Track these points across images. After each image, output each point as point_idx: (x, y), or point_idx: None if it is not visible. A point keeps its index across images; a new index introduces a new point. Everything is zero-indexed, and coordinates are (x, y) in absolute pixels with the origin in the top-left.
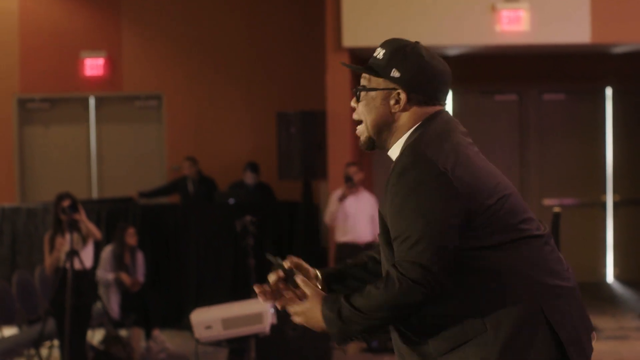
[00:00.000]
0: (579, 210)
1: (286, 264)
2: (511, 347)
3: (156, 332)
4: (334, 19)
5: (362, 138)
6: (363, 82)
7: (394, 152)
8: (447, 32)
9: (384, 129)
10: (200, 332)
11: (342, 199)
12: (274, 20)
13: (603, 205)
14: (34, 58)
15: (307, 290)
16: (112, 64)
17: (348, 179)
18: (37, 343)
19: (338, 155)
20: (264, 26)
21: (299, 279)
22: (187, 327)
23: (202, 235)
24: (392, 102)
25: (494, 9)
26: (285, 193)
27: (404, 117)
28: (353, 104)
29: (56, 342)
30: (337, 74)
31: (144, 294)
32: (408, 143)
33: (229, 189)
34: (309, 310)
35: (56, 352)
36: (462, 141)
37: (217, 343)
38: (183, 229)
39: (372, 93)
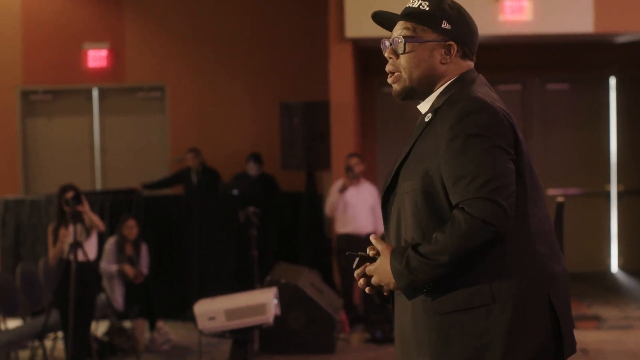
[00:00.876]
0: (583, 200)
1: (370, 252)
2: (513, 327)
3: (160, 324)
4: (337, 10)
5: (399, 86)
6: (406, 32)
7: (427, 103)
8: None
9: (430, 79)
10: (203, 323)
11: (342, 190)
12: (277, 10)
13: (607, 195)
14: (37, 50)
15: (378, 246)
16: (115, 55)
17: (349, 170)
18: (41, 335)
19: (341, 146)
20: (267, 17)
21: (372, 238)
22: (190, 318)
23: (205, 227)
24: (442, 52)
25: None
26: (288, 184)
27: (450, 68)
28: (389, 54)
29: (60, 334)
30: (340, 64)
31: (148, 286)
32: (453, 94)
33: (232, 180)
34: (380, 267)
35: (60, 344)
36: (501, 102)
37: (221, 334)
38: (186, 220)
39: (420, 44)
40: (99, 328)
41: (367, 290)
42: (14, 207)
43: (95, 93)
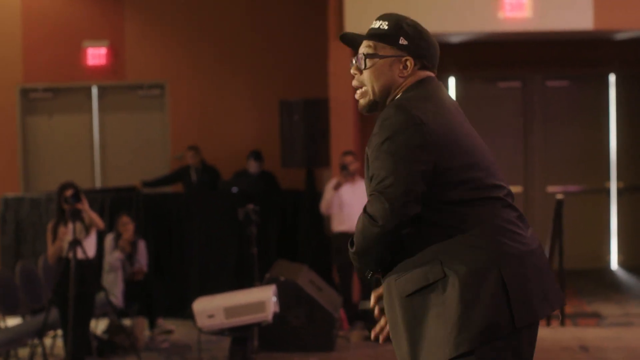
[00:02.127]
0: (582, 197)
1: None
2: (466, 296)
3: (160, 321)
4: (336, 7)
5: (364, 101)
6: (367, 50)
7: None
8: (451, 19)
9: (390, 92)
10: (202, 321)
11: (337, 187)
12: (277, 8)
13: (607, 192)
14: (37, 48)
15: None
16: (115, 53)
17: (344, 168)
18: (40, 333)
19: (341, 143)
20: (266, 14)
21: None
22: (190, 316)
23: (205, 224)
24: (400, 67)
25: None
26: (288, 181)
27: (407, 80)
28: (354, 70)
29: (59, 332)
30: (339, 61)
31: (147, 283)
32: (402, 97)
33: (233, 178)
34: None
35: (59, 342)
36: (448, 105)
37: (220, 332)
38: (186, 217)
39: (381, 60)
40: (99, 326)
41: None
42: (13, 205)
43: (95, 91)
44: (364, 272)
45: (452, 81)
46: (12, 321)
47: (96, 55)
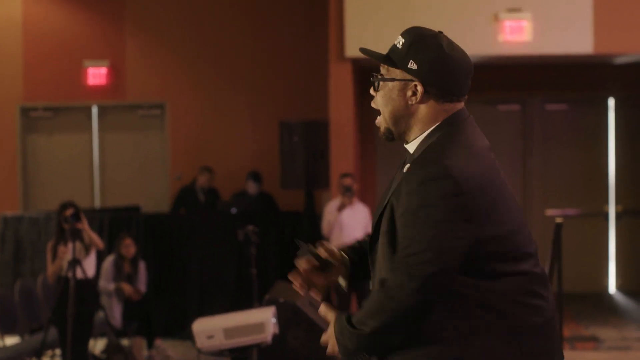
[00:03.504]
0: (581, 221)
1: (321, 252)
2: None
3: (158, 341)
4: (337, 29)
5: (381, 129)
6: (382, 70)
7: (412, 146)
8: None
9: (401, 121)
10: (202, 342)
11: (340, 208)
12: (278, 29)
13: (605, 216)
14: (37, 67)
15: (327, 315)
16: (115, 72)
17: (347, 190)
18: (39, 352)
19: (340, 165)
20: (267, 35)
21: (322, 309)
22: (189, 336)
23: (204, 245)
24: (408, 94)
25: (496, 19)
26: (287, 202)
27: (422, 111)
28: (372, 92)
29: (58, 351)
30: (340, 83)
31: (146, 303)
32: (430, 146)
33: (231, 198)
34: (329, 332)
35: None
36: (487, 160)
37: (219, 353)
38: (186, 238)
39: (390, 83)
40: (97, 345)
41: (301, 292)
42: (13, 224)
43: (95, 110)
44: (362, 357)
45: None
46: (11, 340)
47: (97, 74)
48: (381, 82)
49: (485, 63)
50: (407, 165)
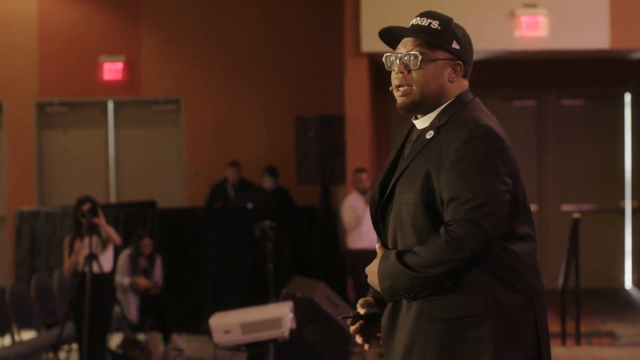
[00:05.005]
0: (597, 216)
1: (361, 310)
2: (501, 339)
3: (174, 336)
4: (352, 24)
5: (407, 99)
6: (420, 49)
7: (427, 119)
8: None
9: (436, 97)
10: (219, 337)
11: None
12: (293, 24)
13: (621, 211)
14: (53, 62)
15: (378, 251)
16: (131, 68)
17: (365, 192)
18: (55, 347)
19: (356, 160)
20: (282, 30)
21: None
22: (204, 331)
23: (220, 240)
24: (450, 71)
25: (512, 14)
26: (303, 198)
27: (453, 86)
28: (400, 68)
29: (74, 346)
30: (355, 78)
31: (162, 298)
32: (460, 111)
33: (247, 193)
34: (372, 267)
35: (74, 356)
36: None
37: (236, 348)
38: (201, 233)
39: (434, 62)
40: (113, 340)
41: (366, 347)
42: (28, 219)
43: (110, 105)
44: (406, 295)
45: None
46: (27, 335)
47: (112, 70)
48: (423, 61)
49: (501, 58)
50: (431, 132)
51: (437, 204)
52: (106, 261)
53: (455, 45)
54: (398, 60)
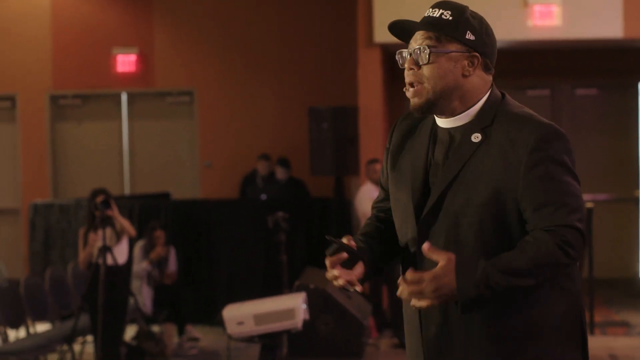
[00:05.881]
0: (611, 206)
1: (349, 242)
2: (564, 344)
3: (189, 328)
4: (365, 15)
5: (419, 100)
6: (429, 42)
7: (462, 118)
8: None
9: (452, 93)
10: (232, 328)
11: None
12: (306, 15)
13: (636, 201)
14: (66, 54)
15: (437, 256)
16: (144, 60)
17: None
18: (69, 339)
19: (370, 151)
20: (295, 21)
21: (426, 247)
22: (219, 322)
23: (233, 231)
24: (465, 64)
25: (526, 4)
26: (317, 189)
27: (473, 82)
28: (410, 65)
29: (89, 338)
30: (368, 69)
31: (177, 290)
32: (502, 109)
33: (276, 186)
34: (442, 276)
35: (89, 348)
36: None
37: (249, 339)
38: (215, 224)
39: (446, 55)
40: (128, 332)
41: (339, 281)
42: (43, 211)
43: (124, 98)
44: (487, 305)
45: None
46: (41, 327)
47: (126, 62)
48: (433, 54)
49: (515, 48)
50: (478, 136)
51: (508, 217)
52: (120, 253)
53: (470, 36)
54: (409, 56)
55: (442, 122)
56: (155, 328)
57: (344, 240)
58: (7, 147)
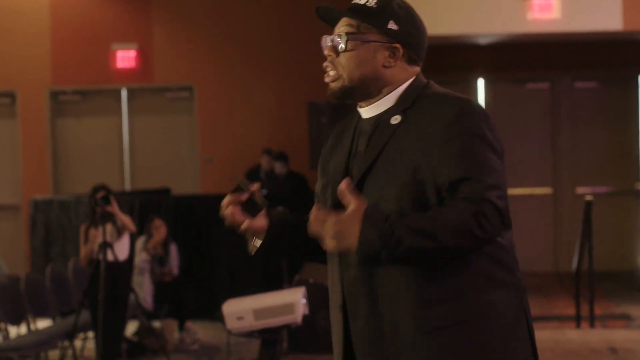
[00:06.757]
0: (611, 199)
1: (253, 187)
2: (507, 340)
3: (189, 324)
4: None
5: (335, 85)
6: (349, 29)
7: (382, 105)
8: (479, 21)
9: (370, 83)
10: (232, 323)
11: None
12: (305, 10)
13: (636, 194)
14: (66, 50)
15: (351, 201)
16: (144, 55)
17: None
18: (70, 335)
19: None
20: (294, 16)
21: (344, 186)
22: (219, 318)
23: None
24: (385, 55)
25: None
26: (316, 183)
27: (394, 73)
28: (329, 51)
29: (90, 334)
30: None
31: (177, 285)
32: (423, 92)
33: (279, 181)
34: (345, 222)
35: (90, 344)
36: None
37: (249, 334)
38: (215, 220)
39: (365, 44)
40: (129, 328)
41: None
42: (43, 207)
43: (124, 93)
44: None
45: (480, 82)
46: (42, 323)
47: (125, 57)
48: (351, 43)
49: (514, 41)
50: (397, 117)
51: (427, 195)
52: (121, 249)
53: (392, 26)
54: (328, 42)
55: (364, 113)
56: (156, 324)
57: (252, 186)
58: (7, 144)
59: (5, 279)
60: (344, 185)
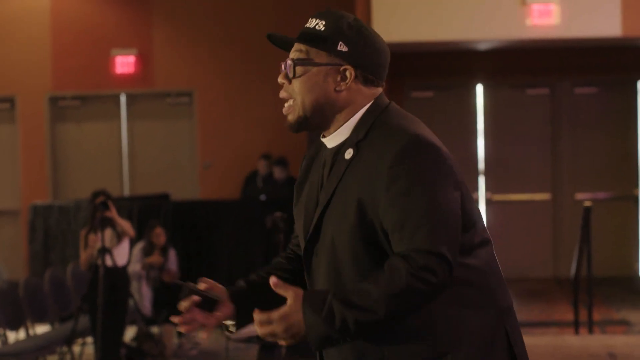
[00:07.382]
0: (610, 204)
1: (201, 286)
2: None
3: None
4: (364, 14)
5: (292, 117)
6: (298, 55)
7: (341, 134)
8: (478, 27)
9: (325, 108)
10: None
11: None
12: (305, 14)
13: (635, 199)
14: (66, 56)
15: (285, 293)
16: (143, 61)
17: None
18: (69, 340)
19: None
20: (294, 21)
21: (274, 282)
22: (218, 323)
23: (233, 232)
24: (337, 78)
25: (524, 2)
26: None
27: (349, 96)
28: (282, 79)
29: (89, 339)
30: None
31: (176, 291)
32: (377, 124)
33: (278, 186)
34: (289, 314)
35: (88, 349)
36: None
37: (248, 339)
38: (214, 225)
39: (314, 68)
40: (127, 333)
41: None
42: (42, 212)
43: (123, 99)
44: (350, 336)
45: (479, 88)
46: (41, 328)
47: (125, 63)
48: (300, 68)
49: (514, 47)
50: (350, 151)
51: (378, 236)
52: (121, 255)
53: (341, 48)
54: (283, 69)
55: (327, 143)
56: (155, 329)
57: (199, 285)
58: (7, 149)
59: (4, 284)
60: (272, 282)
